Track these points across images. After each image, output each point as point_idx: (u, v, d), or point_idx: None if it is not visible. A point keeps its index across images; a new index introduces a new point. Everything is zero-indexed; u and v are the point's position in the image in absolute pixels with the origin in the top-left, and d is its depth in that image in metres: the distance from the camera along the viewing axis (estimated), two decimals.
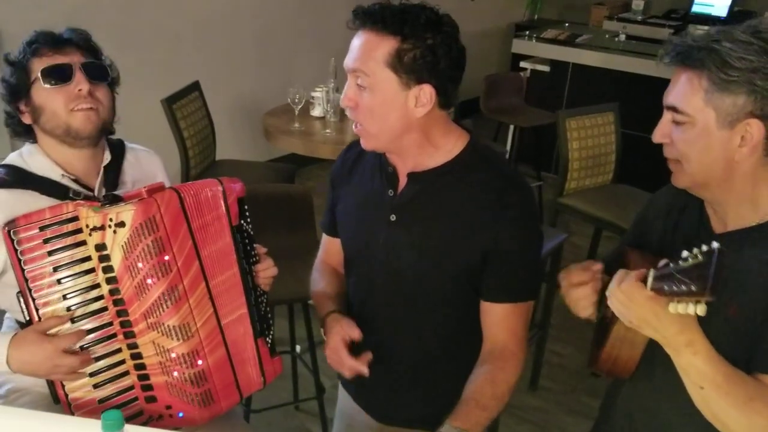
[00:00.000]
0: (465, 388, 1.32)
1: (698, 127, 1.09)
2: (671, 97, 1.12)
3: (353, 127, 1.34)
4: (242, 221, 1.42)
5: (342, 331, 1.37)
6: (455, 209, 1.33)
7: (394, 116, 1.26)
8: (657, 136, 1.15)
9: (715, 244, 0.92)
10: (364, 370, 1.34)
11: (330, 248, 1.59)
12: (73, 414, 1.35)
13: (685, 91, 1.09)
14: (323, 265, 1.60)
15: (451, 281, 1.36)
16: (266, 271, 1.48)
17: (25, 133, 1.49)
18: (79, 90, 1.40)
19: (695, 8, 5.55)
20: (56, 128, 1.43)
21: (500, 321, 1.36)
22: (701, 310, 0.94)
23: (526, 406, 2.76)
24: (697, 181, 1.14)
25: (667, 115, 1.13)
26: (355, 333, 1.36)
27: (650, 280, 1.00)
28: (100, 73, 1.46)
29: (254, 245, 1.46)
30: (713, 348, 1.04)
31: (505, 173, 1.35)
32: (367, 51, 1.24)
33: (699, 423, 1.09)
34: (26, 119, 1.46)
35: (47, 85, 1.40)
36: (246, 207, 1.43)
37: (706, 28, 5.36)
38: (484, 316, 1.38)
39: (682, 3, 5.75)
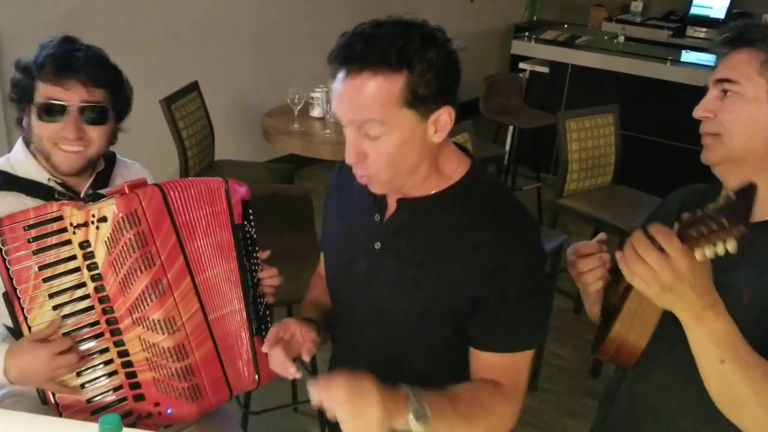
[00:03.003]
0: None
1: (748, 97, 1.10)
2: (722, 70, 1.14)
3: (358, 178, 1.19)
4: (245, 222, 1.42)
5: (283, 329, 1.29)
6: (449, 245, 1.18)
7: (413, 153, 1.13)
8: (699, 111, 1.16)
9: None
10: (291, 371, 1.26)
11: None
12: (60, 415, 1.34)
13: (740, 63, 1.12)
14: (318, 278, 1.51)
15: (436, 323, 1.23)
16: (271, 279, 1.47)
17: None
18: (66, 136, 1.38)
19: (694, 10, 5.56)
20: (40, 152, 1.44)
21: (488, 369, 1.22)
22: (731, 246, 0.89)
23: (525, 407, 2.73)
24: (734, 155, 1.13)
25: (712, 91, 1.15)
26: (306, 348, 1.27)
27: (675, 230, 0.95)
28: (98, 117, 1.41)
29: (257, 249, 1.45)
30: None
31: (506, 206, 1.22)
32: (373, 97, 1.06)
33: (704, 420, 1.08)
34: (25, 123, 1.44)
35: (38, 120, 1.39)
36: (250, 211, 1.43)
37: (704, 30, 5.31)
38: (471, 361, 1.24)
39: (680, 4, 5.77)
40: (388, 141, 1.10)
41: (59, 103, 1.36)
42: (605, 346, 1.18)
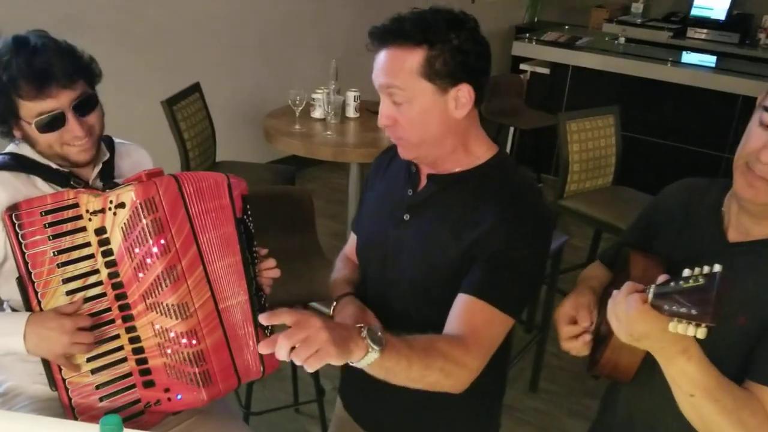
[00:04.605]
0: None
1: None
2: None
3: (393, 140, 1.32)
4: (245, 216, 1.44)
5: (356, 316, 1.36)
6: (458, 215, 1.28)
7: (435, 123, 1.24)
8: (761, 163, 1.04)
9: (717, 267, 0.88)
10: None
11: (354, 245, 1.57)
12: (70, 400, 1.36)
13: None
14: (345, 258, 1.59)
15: (441, 292, 1.29)
16: (269, 271, 1.49)
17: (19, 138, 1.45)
18: (75, 135, 1.39)
19: (694, 11, 5.56)
20: (52, 156, 1.43)
21: (462, 313, 1.23)
22: (701, 333, 0.90)
23: (525, 408, 2.76)
24: None
25: None
26: (371, 319, 1.35)
27: (650, 296, 0.97)
28: (90, 104, 1.42)
29: (254, 244, 1.47)
30: (705, 355, 1.02)
31: (518, 188, 1.30)
32: (396, 66, 1.21)
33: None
34: (18, 135, 1.43)
35: (41, 133, 1.37)
36: (248, 206, 1.45)
37: (705, 31, 5.32)
38: (452, 309, 1.26)
39: (681, 6, 5.77)
40: (410, 108, 1.23)
41: (55, 113, 1.36)
42: (598, 369, 1.21)
